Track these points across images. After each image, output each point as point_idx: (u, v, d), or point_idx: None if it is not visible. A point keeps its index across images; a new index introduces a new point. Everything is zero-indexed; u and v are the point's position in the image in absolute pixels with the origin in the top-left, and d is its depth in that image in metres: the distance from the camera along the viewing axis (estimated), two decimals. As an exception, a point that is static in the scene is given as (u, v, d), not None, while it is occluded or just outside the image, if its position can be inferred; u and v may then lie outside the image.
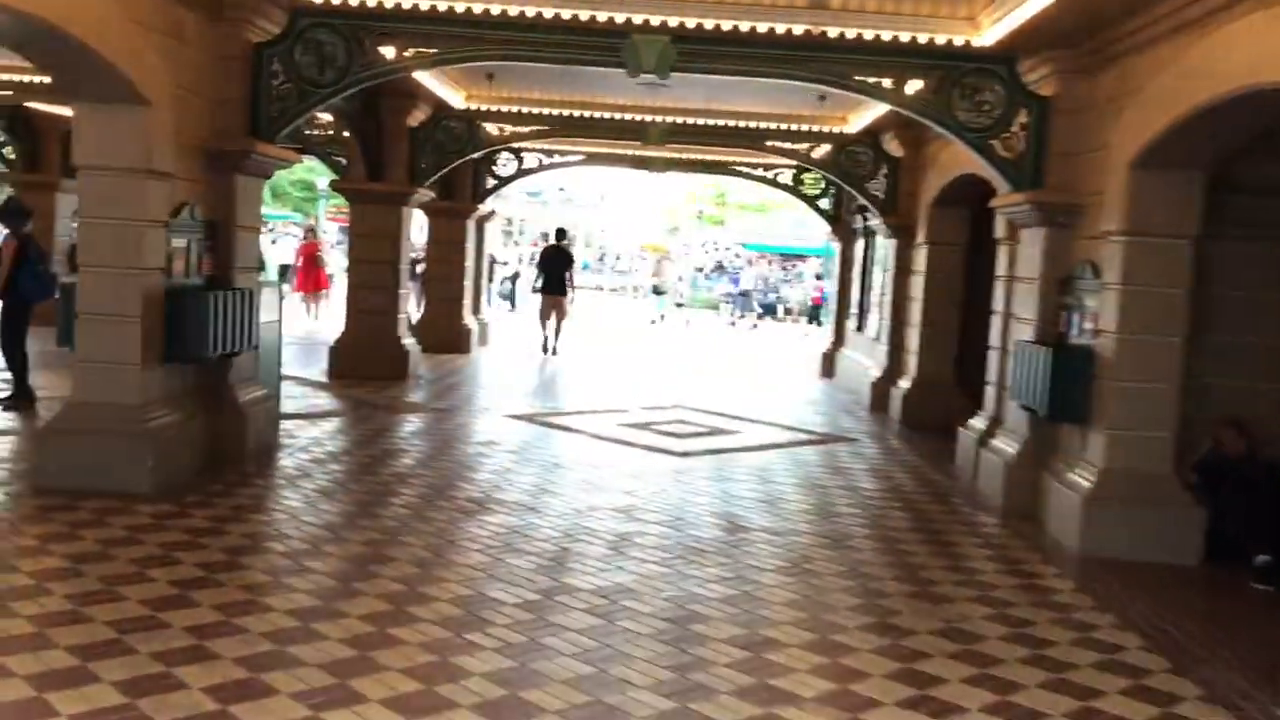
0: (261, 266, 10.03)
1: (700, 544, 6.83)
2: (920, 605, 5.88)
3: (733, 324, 32.20)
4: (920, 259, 12.79)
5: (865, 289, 16.10)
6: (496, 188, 18.29)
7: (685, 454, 9.86)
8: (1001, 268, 9.77)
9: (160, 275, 7.49)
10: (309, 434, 9.67)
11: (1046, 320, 8.29)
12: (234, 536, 6.36)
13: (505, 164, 18.03)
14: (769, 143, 13.88)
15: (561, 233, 21.29)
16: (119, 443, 7.14)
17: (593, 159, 17.96)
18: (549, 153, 17.82)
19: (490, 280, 24.51)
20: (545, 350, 18.60)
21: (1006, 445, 8.67)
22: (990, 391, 9.77)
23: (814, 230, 67.42)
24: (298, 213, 54.32)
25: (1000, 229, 9.71)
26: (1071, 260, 8.11)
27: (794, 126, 13.71)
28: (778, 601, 5.78)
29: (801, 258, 53.00)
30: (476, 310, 19.27)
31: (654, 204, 72.63)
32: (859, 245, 16.75)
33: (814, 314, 33.21)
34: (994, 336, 9.80)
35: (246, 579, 5.61)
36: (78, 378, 7.27)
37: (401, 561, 6.05)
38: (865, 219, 15.92)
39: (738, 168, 17.88)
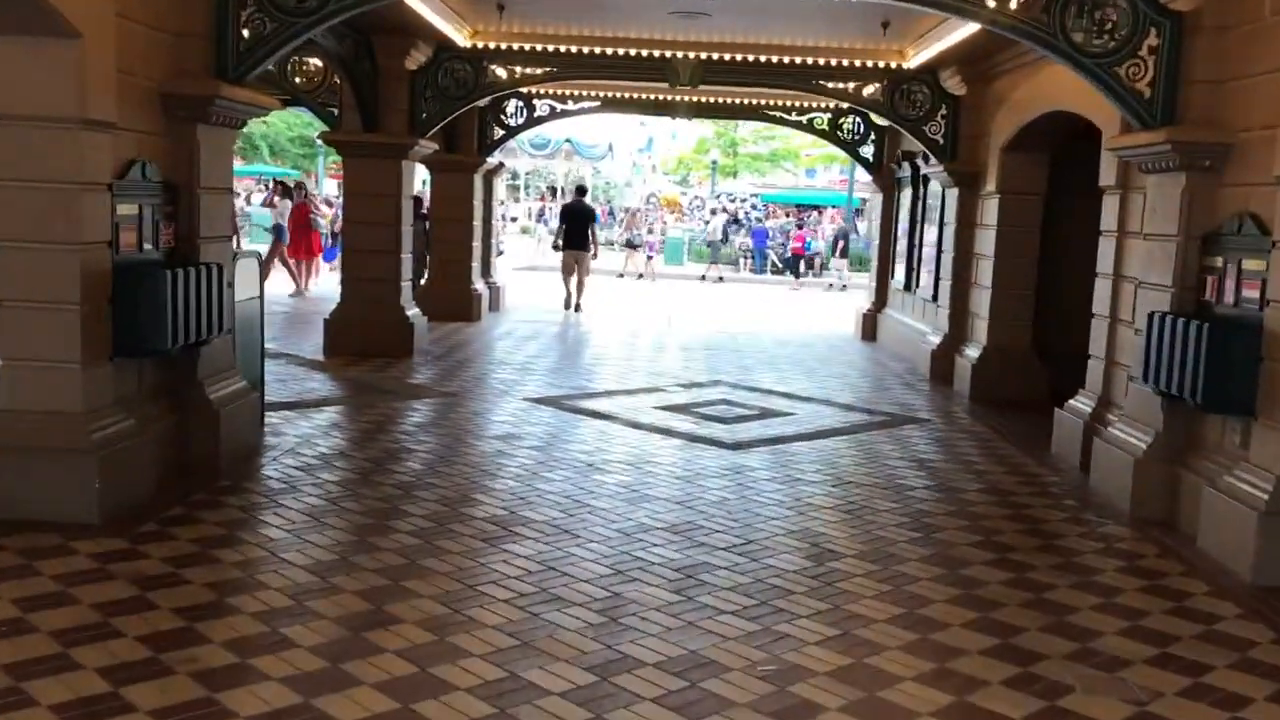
0: (238, 230, 8.57)
1: (784, 580, 5.42)
2: (1093, 674, 4.47)
3: (796, 282, 30.60)
4: (989, 211, 11.28)
5: (914, 244, 14.59)
6: (505, 138, 16.76)
7: (738, 445, 8.45)
8: (1109, 221, 8.29)
9: (105, 250, 6.04)
10: (299, 429, 8.27)
11: (1186, 286, 6.81)
12: (194, 588, 4.97)
13: (514, 112, 16.49)
14: (817, 81, 12.31)
15: (582, 189, 21.08)
16: (57, 461, 5.74)
17: (611, 104, 16.40)
18: (562, 98, 16.27)
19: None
20: (568, 307, 18.58)
21: (1130, 436, 7.22)
22: (1095, 367, 8.33)
23: (822, 180, 66.02)
24: (296, 170, 52.84)
25: (1109, 175, 8.20)
26: (1218, 213, 6.63)
27: (844, 62, 12.15)
28: (904, 672, 4.37)
29: (819, 208, 51.46)
30: (487, 273, 17.81)
31: (664, 155, 71.10)
32: (905, 196, 15.22)
33: (793, 265, 31.50)
34: (1100, 303, 8.34)
35: (202, 661, 4.21)
36: (2, 383, 5.85)
37: (408, 624, 4.64)
38: (916, 166, 14.38)
39: (771, 112, 16.32)
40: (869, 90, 12.33)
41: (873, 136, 16.26)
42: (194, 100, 6.76)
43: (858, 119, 16.21)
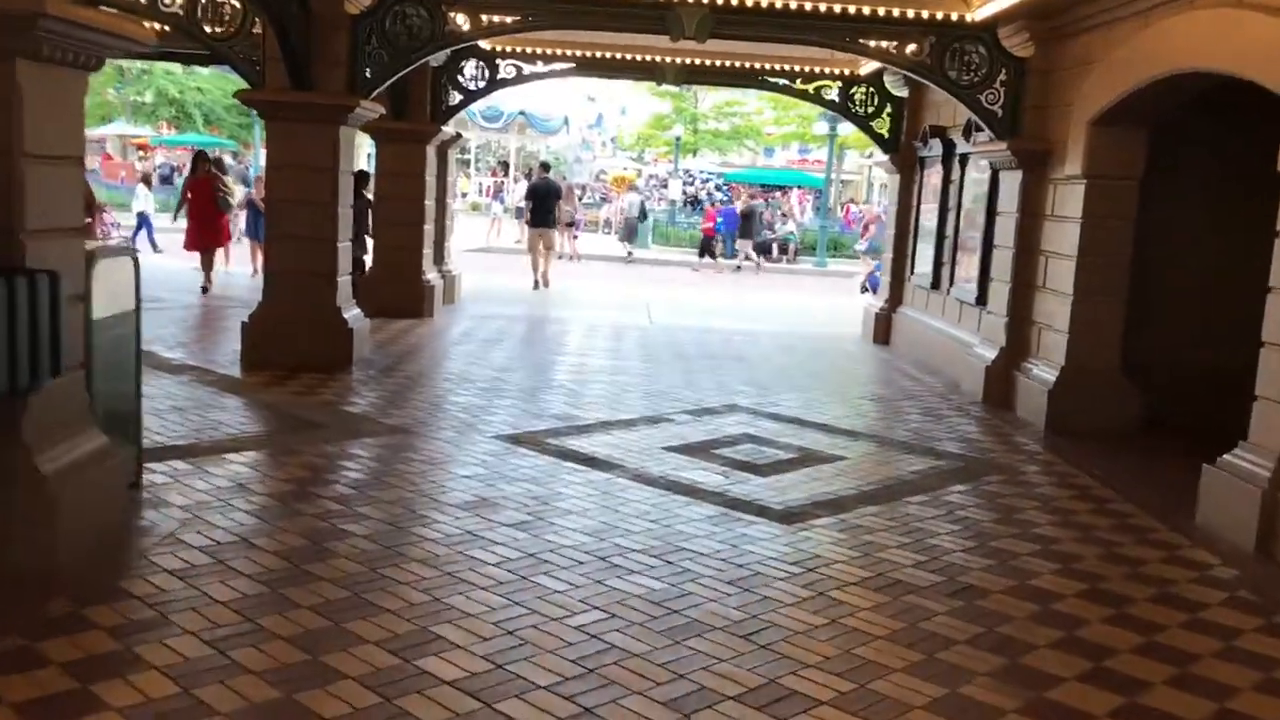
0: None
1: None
2: None
3: (745, 268, 28.54)
4: (1068, 199, 9.17)
5: (944, 235, 12.48)
6: (463, 104, 14.47)
7: (791, 516, 6.26)
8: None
9: None
10: (190, 495, 5.95)
11: None
12: None
13: (474, 74, 14.15)
14: (854, 38, 10.06)
15: (547, 165, 21.36)
16: None
17: (588, 65, 14.09)
18: (530, 57, 13.96)
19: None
20: (536, 286, 18.49)
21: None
22: (1269, 413, 6.24)
23: (780, 159, 64.00)
24: (233, 140, 49.75)
25: (1296, 156, 6.11)
26: None
27: (891, 11, 9.93)
28: None
29: (784, 188, 49.39)
30: (441, 260, 15.47)
31: (626, 129, 68.73)
32: (931, 177, 13.11)
33: (705, 246, 29.29)
34: (1275, 326, 6.26)
35: None
36: None
37: None
38: (949, 143, 12.28)
39: (773, 79, 14.12)
40: (911, 49, 10.12)
41: (888, 109, 14.15)
42: (10, 21, 4.42)
43: (871, 89, 14.10)
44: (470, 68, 14.07)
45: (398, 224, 13.82)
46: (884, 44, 10.10)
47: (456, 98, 14.21)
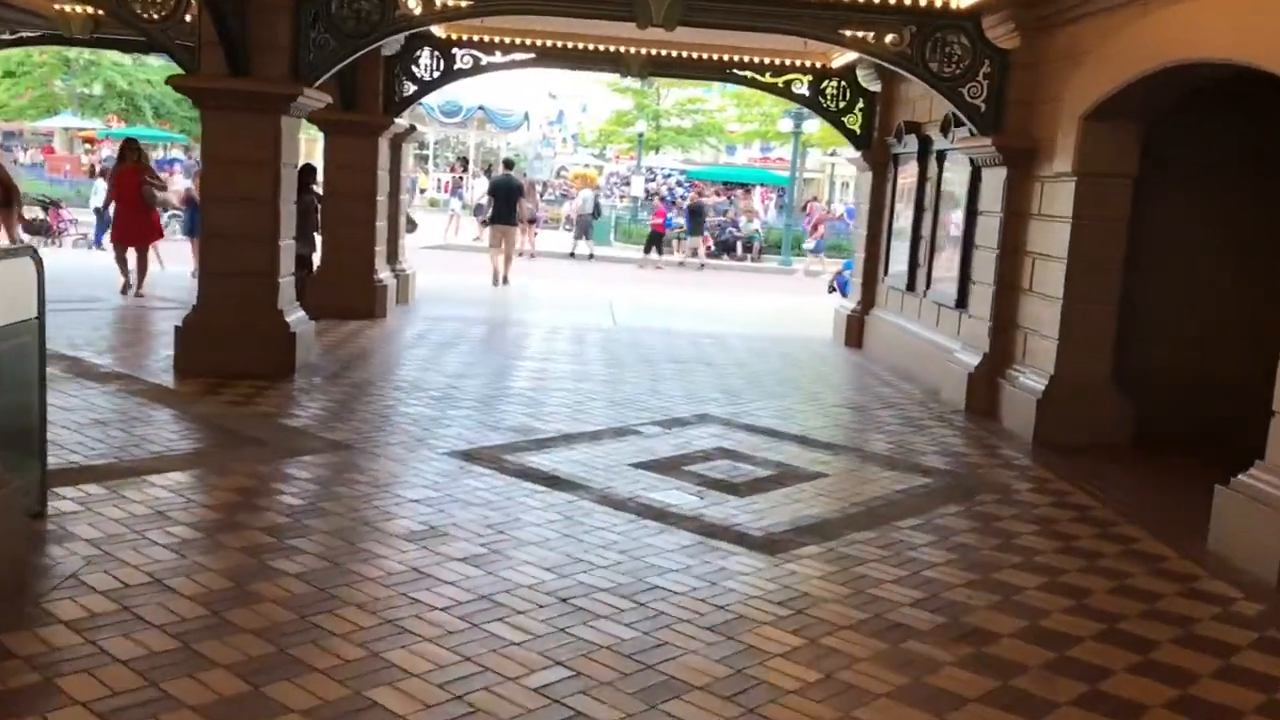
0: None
1: None
2: None
3: (689, 265, 28.05)
4: (1056, 198, 8.69)
5: (919, 235, 11.99)
6: (418, 95, 13.79)
7: (773, 542, 5.69)
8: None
9: None
10: (102, 526, 5.27)
11: None
12: None
13: (429, 65, 13.52)
14: (833, 26, 9.49)
15: (509, 163, 21.83)
16: None
17: (549, 55, 13.48)
18: (488, 46, 13.34)
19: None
20: (496, 283, 18.36)
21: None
22: (1290, 431, 5.75)
23: (741, 157, 63.56)
24: (184, 134, 48.54)
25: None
26: None
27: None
28: None
29: (746, 186, 48.92)
30: (394, 258, 14.80)
31: (588, 125, 68.05)
32: (905, 175, 12.63)
33: (654, 241, 28.83)
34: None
35: None
36: None
37: None
38: (925, 139, 11.80)
39: (740, 71, 13.58)
40: (890, 38, 9.59)
41: (860, 104, 13.65)
42: None
43: (843, 83, 13.61)
44: (425, 57, 13.41)
45: (348, 221, 13.12)
46: (862, 34, 9.54)
47: (411, 89, 13.53)
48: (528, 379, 9.99)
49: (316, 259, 13.55)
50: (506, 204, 18.59)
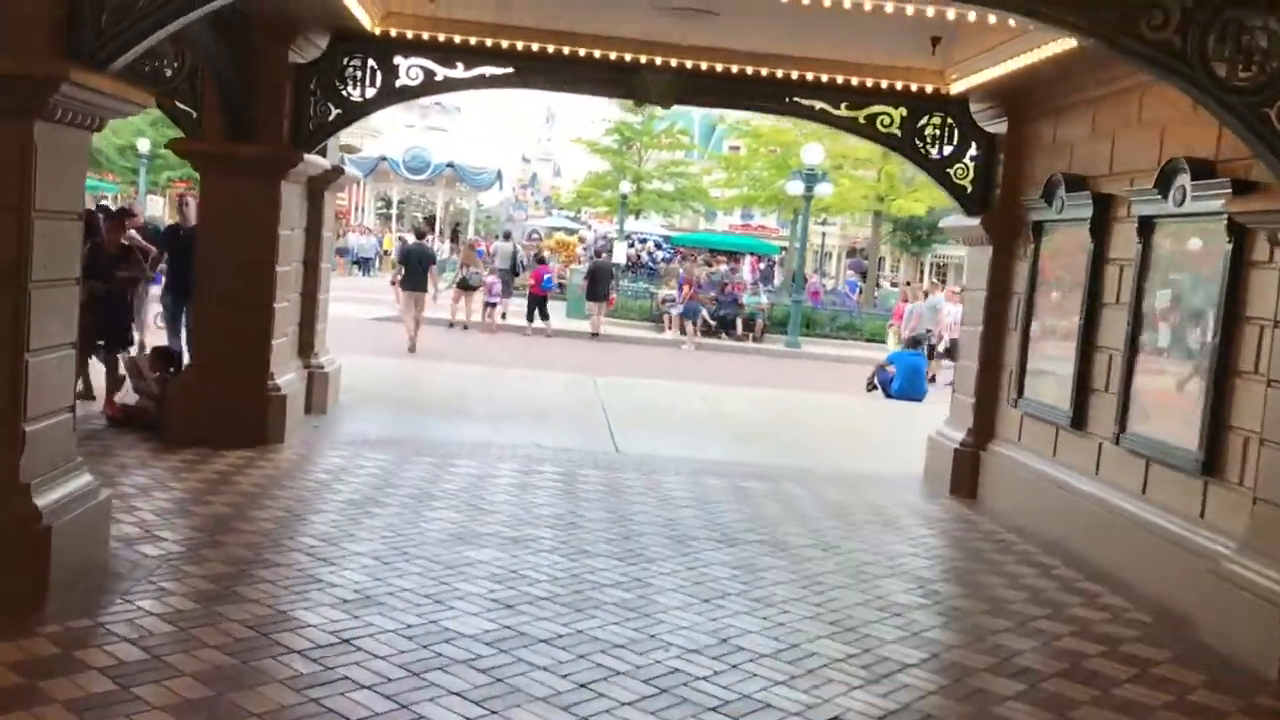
0: None
1: None
2: None
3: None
4: None
5: (1092, 342, 7.90)
6: (341, 122, 9.64)
7: None
8: None
9: None
10: None
11: None
12: None
13: (360, 79, 9.47)
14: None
15: (420, 232, 22.40)
16: None
17: (532, 71, 9.39)
18: (447, 58, 9.28)
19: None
20: (411, 350, 17.85)
21: None
22: None
23: (721, 224, 60.09)
24: (114, 186, 44.24)
25: None
26: None
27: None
28: None
29: (736, 255, 45.02)
30: (309, 349, 10.56)
31: (558, 187, 64.49)
32: (1061, 251, 8.60)
33: (537, 305, 23.51)
34: None
35: None
36: None
37: None
38: (1104, 198, 7.80)
39: (803, 101, 9.59)
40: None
41: (973, 151, 9.64)
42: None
43: (949, 121, 9.64)
44: (355, 68, 9.31)
45: (230, 301, 8.87)
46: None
47: (333, 112, 9.38)
48: (486, 599, 5.65)
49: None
50: (420, 269, 18.66)
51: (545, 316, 23.52)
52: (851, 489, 9.40)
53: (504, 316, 23.86)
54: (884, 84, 9.28)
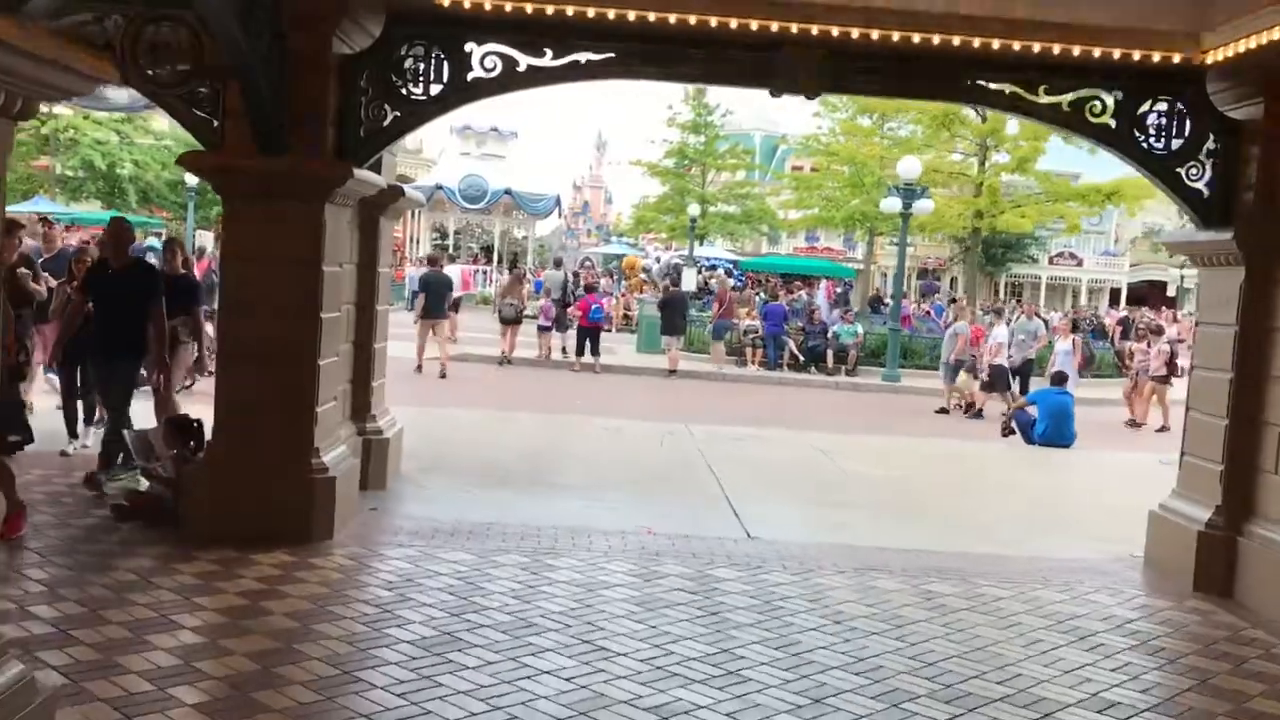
0: None
1: None
2: None
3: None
4: None
5: None
6: (400, 129, 7.66)
7: None
8: None
9: None
10: None
11: None
12: None
13: (422, 73, 7.50)
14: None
15: (435, 260, 22.14)
16: None
17: (630, 62, 7.36)
18: (534, 35, 7.27)
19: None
20: (419, 370, 17.81)
21: None
22: None
23: (788, 247, 57.87)
24: (174, 219, 43.02)
25: None
26: None
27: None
28: None
29: (807, 279, 42.71)
30: (364, 411, 8.59)
31: (618, 214, 62.77)
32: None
33: (589, 337, 21.47)
34: None
35: None
36: None
37: None
38: None
39: (995, 84, 7.45)
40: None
41: (1209, 145, 7.44)
42: None
43: (1179, 107, 7.43)
44: (416, 58, 7.34)
45: (261, 356, 6.90)
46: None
47: (390, 115, 7.40)
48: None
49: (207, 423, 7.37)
50: (437, 298, 18.75)
51: (596, 352, 21.43)
52: (1065, 589, 7.16)
53: (564, 351, 21.90)
54: (1097, 53, 7.08)
